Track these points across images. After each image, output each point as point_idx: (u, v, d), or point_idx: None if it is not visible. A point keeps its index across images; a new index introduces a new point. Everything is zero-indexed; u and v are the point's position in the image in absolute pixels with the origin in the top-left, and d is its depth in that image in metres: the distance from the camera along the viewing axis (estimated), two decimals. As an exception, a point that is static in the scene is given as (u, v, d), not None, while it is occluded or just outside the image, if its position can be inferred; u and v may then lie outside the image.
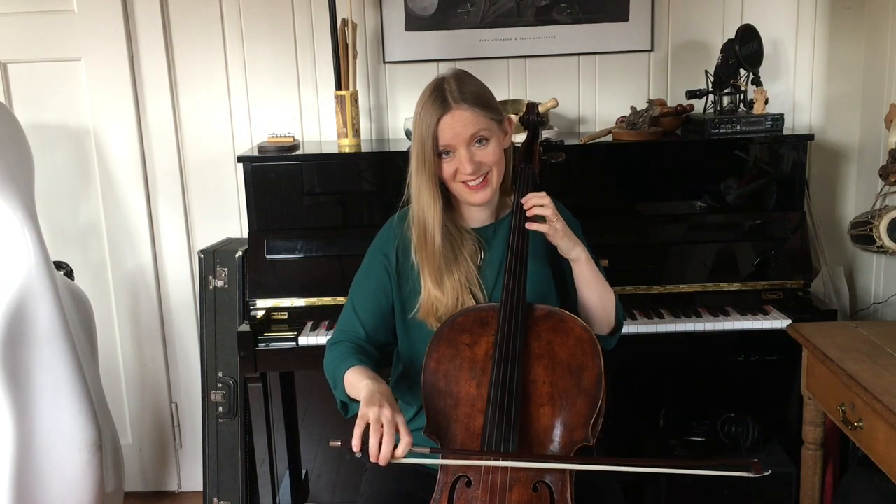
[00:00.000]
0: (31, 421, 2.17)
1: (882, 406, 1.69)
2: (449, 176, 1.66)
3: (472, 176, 1.64)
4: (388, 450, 1.39)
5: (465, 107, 1.62)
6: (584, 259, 1.67)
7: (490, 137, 1.65)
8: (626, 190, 2.52)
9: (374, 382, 1.51)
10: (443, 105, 1.62)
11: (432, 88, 1.65)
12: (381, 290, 1.74)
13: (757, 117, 2.49)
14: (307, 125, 2.83)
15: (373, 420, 1.39)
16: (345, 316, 1.76)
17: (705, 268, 2.44)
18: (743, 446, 2.46)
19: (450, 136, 1.62)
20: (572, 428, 1.52)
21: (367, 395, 1.46)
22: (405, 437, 1.40)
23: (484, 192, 1.66)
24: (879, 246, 2.46)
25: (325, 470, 2.85)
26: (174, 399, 3.01)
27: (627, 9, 2.70)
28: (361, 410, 1.42)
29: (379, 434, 1.39)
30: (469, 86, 1.65)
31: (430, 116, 1.62)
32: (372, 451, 1.39)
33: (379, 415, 1.40)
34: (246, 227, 2.69)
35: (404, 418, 1.43)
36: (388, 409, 1.41)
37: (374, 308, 1.73)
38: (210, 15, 2.75)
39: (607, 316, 1.74)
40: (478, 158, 1.64)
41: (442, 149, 1.64)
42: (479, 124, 1.63)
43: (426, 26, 2.72)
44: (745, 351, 2.44)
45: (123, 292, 2.92)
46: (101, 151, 2.83)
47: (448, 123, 1.62)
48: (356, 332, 1.72)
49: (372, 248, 1.79)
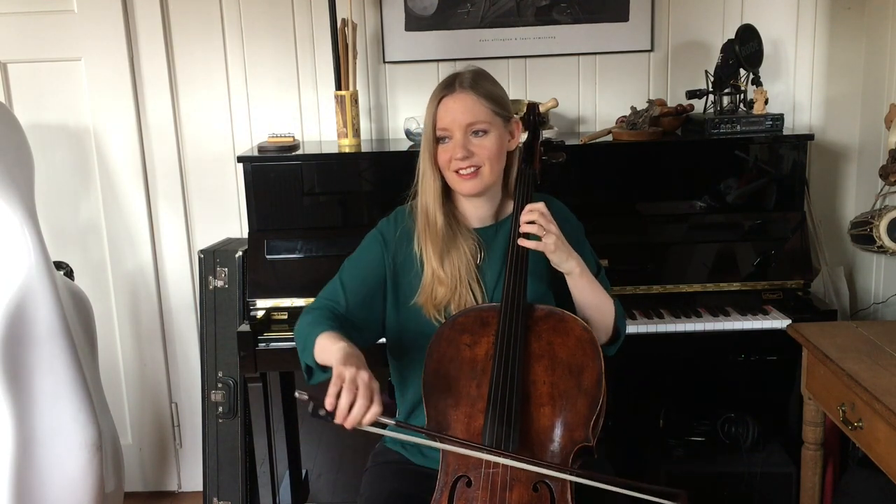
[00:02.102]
0: (31, 421, 2.17)
1: (882, 406, 1.69)
2: (444, 163, 1.66)
3: (462, 163, 1.63)
4: (360, 413, 1.35)
5: (470, 93, 1.63)
6: (579, 272, 1.63)
7: (490, 131, 1.65)
8: (626, 190, 2.52)
9: (349, 346, 1.48)
10: (447, 88, 1.64)
11: (446, 77, 1.68)
12: (373, 271, 1.72)
13: (757, 117, 2.49)
14: (307, 125, 2.83)
15: (348, 380, 1.36)
16: (330, 286, 1.74)
17: (705, 268, 2.44)
18: (743, 446, 2.46)
19: (448, 120, 1.63)
20: (572, 428, 1.52)
21: (342, 356, 1.43)
22: (375, 406, 1.36)
23: (473, 183, 1.65)
24: (879, 246, 2.46)
25: (325, 470, 2.85)
26: (174, 399, 3.01)
27: (627, 9, 2.70)
28: (337, 370, 1.39)
29: (352, 395, 1.35)
30: (482, 79, 1.67)
31: (435, 98, 1.65)
32: (340, 411, 1.35)
33: (355, 376, 1.36)
34: (246, 227, 2.69)
35: (378, 386, 1.40)
36: (365, 373, 1.38)
37: (362, 286, 1.71)
38: (210, 15, 2.75)
39: (605, 325, 1.71)
40: (471, 147, 1.64)
41: (439, 133, 1.65)
42: (478, 114, 1.63)
43: (426, 26, 2.72)
44: (745, 351, 2.44)
45: (123, 292, 2.92)
46: (101, 151, 2.83)
47: (448, 106, 1.63)
48: (337, 302, 1.70)
49: (373, 232, 1.78)
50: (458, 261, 1.67)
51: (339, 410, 1.34)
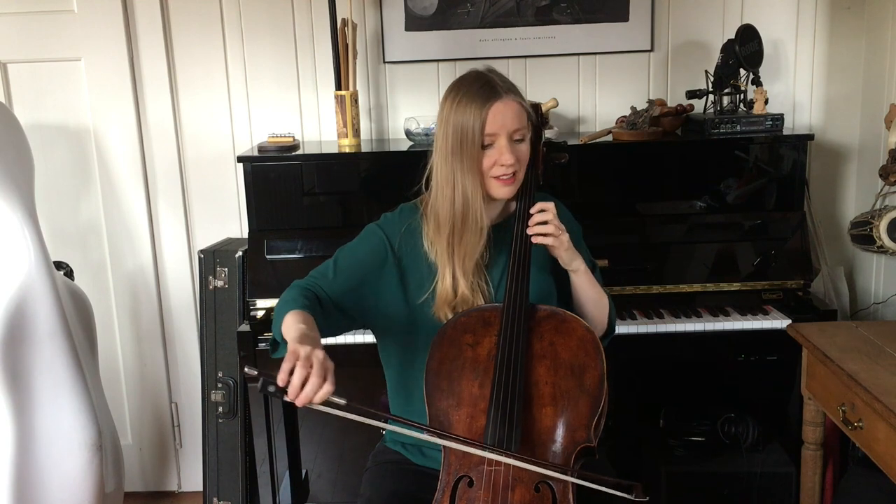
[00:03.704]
0: (31, 421, 2.17)
1: (882, 406, 1.69)
2: (487, 167, 1.65)
3: (508, 169, 1.64)
4: (312, 390, 1.33)
5: (514, 97, 1.64)
6: (583, 269, 1.71)
7: (525, 138, 1.67)
8: (626, 190, 2.52)
9: (308, 328, 1.48)
10: (493, 93, 1.62)
11: (473, 78, 1.66)
12: (370, 260, 1.71)
13: (757, 117, 2.49)
14: (307, 125, 2.83)
15: (302, 357, 1.35)
16: (322, 266, 1.72)
17: (705, 268, 2.45)
18: (743, 446, 2.46)
19: (498, 125, 1.62)
20: (574, 428, 1.52)
21: (299, 335, 1.43)
22: (328, 385, 1.35)
23: (511, 188, 1.67)
24: (879, 246, 2.46)
25: (325, 470, 2.85)
26: (174, 399, 3.01)
27: (627, 9, 2.70)
28: (292, 346, 1.38)
29: (306, 372, 1.34)
30: (507, 80, 1.68)
31: (481, 103, 1.61)
32: (293, 388, 1.33)
33: (310, 354, 1.36)
34: (246, 227, 2.68)
35: (333, 366, 1.39)
36: (320, 352, 1.37)
37: (354, 272, 1.70)
38: (210, 15, 2.75)
39: (601, 320, 1.78)
40: (515, 153, 1.64)
41: (487, 138, 1.63)
42: (521, 121, 1.65)
43: (426, 26, 2.72)
44: (745, 351, 2.44)
45: (123, 292, 2.92)
46: (101, 151, 2.83)
47: (500, 111, 1.62)
48: (325, 282, 1.68)
49: (375, 224, 1.77)
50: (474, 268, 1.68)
51: (292, 387, 1.33)
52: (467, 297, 1.67)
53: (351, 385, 1.48)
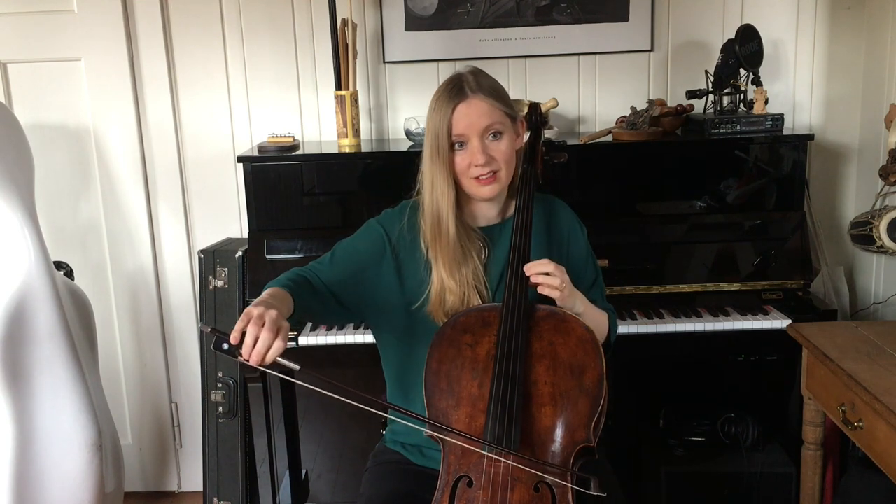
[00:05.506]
0: (31, 421, 2.17)
1: (882, 406, 1.69)
2: (461, 169, 1.66)
3: (483, 169, 1.64)
4: (264, 347, 1.34)
5: (482, 97, 1.63)
6: (583, 310, 1.68)
7: (504, 132, 1.66)
8: (626, 190, 2.52)
9: (272, 299, 1.49)
10: (459, 94, 1.63)
11: (448, 80, 1.67)
12: (368, 252, 1.72)
13: (757, 117, 2.49)
14: (307, 125, 2.83)
15: (255, 315, 1.36)
16: (321, 258, 1.74)
17: (705, 268, 2.45)
18: (743, 446, 2.46)
19: (464, 126, 1.63)
20: (573, 428, 1.52)
21: (258, 301, 1.45)
22: (279, 342, 1.36)
23: (491, 187, 1.67)
24: (879, 246, 2.46)
25: (325, 470, 2.85)
26: (174, 399, 3.01)
27: (627, 9, 2.70)
28: (248, 309, 1.40)
29: (258, 329, 1.35)
30: (485, 79, 1.67)
31: (446, 105, 1.63)
32: (246, 345, 1.35)
33: (263, 313, 1.37)
34: (246, 227, 2.68)
35: (289, 327, 1.41)
36: (273, 311, 1.38)
37: (352, 262, 1.71)
38: (210, 15, 2.75)
39: (600, 338, 1.74)
40: (490, 152, 1.64)
41: (455, 139, 1.64)
42: (493, 116, 1.64)
43: (426, 26, 2.72)
44: (745, 351, 2.44)
45: (123, 292, 2.92)
46: (101, 151, 2.83)
47: (463, 112, 1.62)
48: (321, 270, 1.69)
49: (375, 220, 1.77)
50: (466, 270, 1.68)
51: (245, 345, 1.35)
52: (456, 297, 1.66)
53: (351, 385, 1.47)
